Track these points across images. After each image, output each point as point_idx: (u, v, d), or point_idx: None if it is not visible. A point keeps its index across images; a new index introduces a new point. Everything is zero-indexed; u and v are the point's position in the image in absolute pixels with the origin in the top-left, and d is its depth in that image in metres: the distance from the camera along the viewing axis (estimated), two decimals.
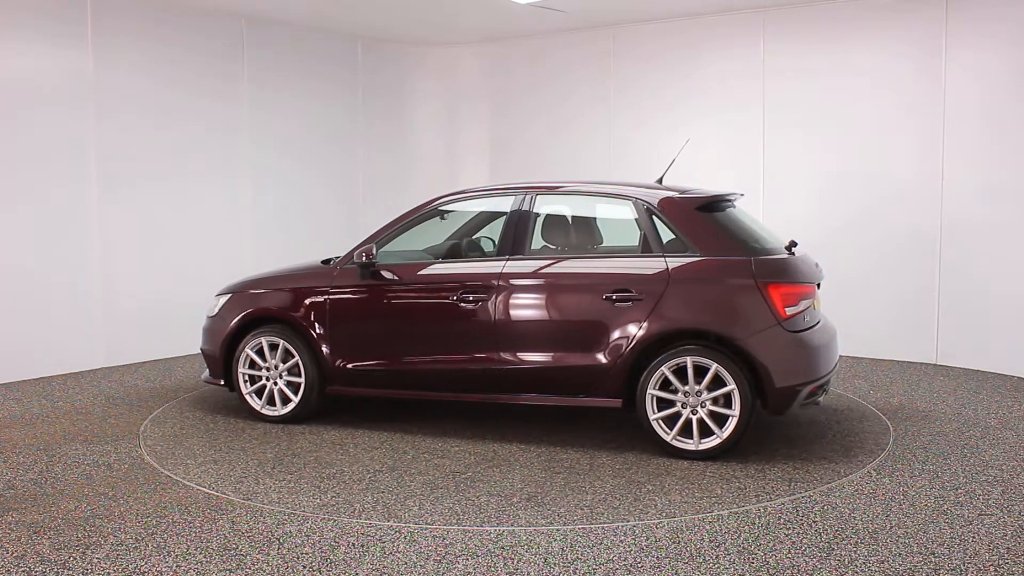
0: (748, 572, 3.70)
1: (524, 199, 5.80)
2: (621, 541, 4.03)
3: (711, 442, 5.13)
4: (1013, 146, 7.40)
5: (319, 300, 6.03)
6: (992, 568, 3.71)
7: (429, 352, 5.77)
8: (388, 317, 5.91)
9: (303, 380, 6.03)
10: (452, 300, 5.68)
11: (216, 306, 6.43)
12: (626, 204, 5.64)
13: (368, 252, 5.91)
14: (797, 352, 5.16)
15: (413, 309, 5.86)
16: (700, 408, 5.15)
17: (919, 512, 4.35)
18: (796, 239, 5.74)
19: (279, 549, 3.95)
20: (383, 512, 4.43)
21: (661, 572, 3.71)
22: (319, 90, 9.68)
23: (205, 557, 3.86)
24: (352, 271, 6.01)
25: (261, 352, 6.15)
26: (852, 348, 8.06)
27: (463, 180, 10.24)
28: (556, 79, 9.91)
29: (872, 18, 8.05)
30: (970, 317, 7.73)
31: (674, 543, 4.01)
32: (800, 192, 8.53)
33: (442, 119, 10.80)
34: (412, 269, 5.94)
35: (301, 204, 9.54)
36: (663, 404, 5.24)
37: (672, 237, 5.43)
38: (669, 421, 5.23)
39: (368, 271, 5.96)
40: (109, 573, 3.71)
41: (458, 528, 4.19)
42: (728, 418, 5.10)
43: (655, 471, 5.01)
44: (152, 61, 8.18)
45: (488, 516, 4.35)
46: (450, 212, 6.22)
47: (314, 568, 3.75)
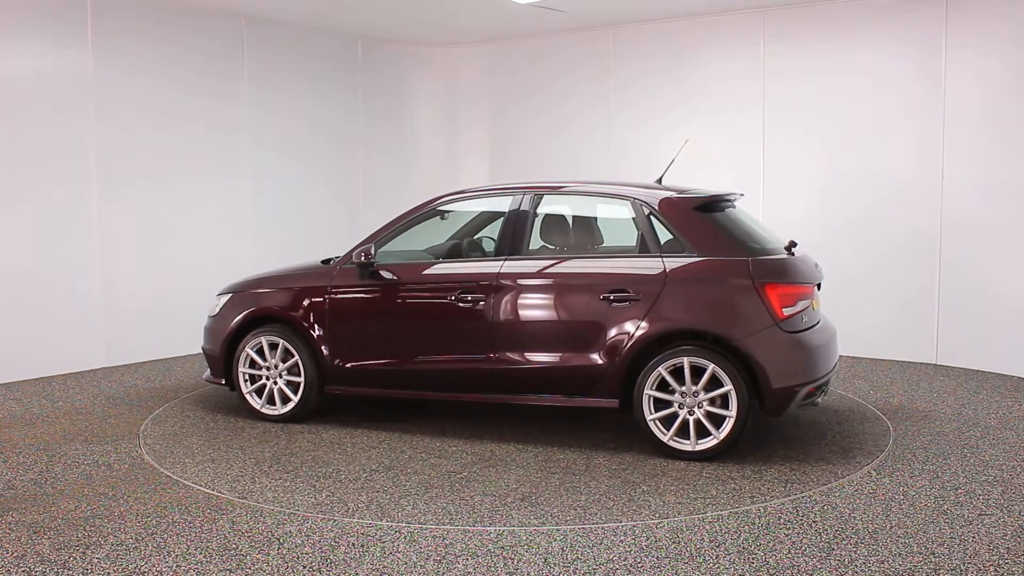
0: (748, 572, 3.70)
1: (522, 199, 5.79)
2: (621, 541, 4.03)
3: (708, 443, 5.13)
4: (1013, 146, 7.40)
5: (318, 300, 6.03)
6: (992, 568, 3.71)
7: (427, 352, 5.77)
8: (386, 317, 5.91)
9: (302, 379, 6.04)
10: (450, 300, 5.68)
11: (217, 306, 6.45)
12: (624, 204, 5.64)
13: (367, 252, 5.91)
14: (795, 353, 5.15)
15: (411, 309, 5.85)
16: (697, 409, 5.14)
17: (919, 512, 4.36)
18: (796, 239, 5.73)
19: (279, 549, 3.95)
20: (377, 511, 4.43)
21: (661, 572, 3.71)
22: (319, 90, 9.68)
23: (205, 557, 3.86)
24: (351, 271, 6.01)
25: (261, 351, 6.16)
26: (852, 348, 8.06)
27: (463, 180, 10.24)
28: (556, 79, 9.91)
29: (872, 18, 8.05)
30: (970, 317, 7.73)
31: (674, 543, 4.01)
32: (800, 192, 8.53)
33: (442, 119, 10.80)
34: (411, 269, 5.94)
35: (301, 204, 9.55)
36: (660, 404, 5.23)
37: (670, 237, 5.43)
38: (666, 422, 5.23)
39: (367, 271, 5.96)
40: (109, 573, 3.71)
41: (457, 528, 4.19)
42: (725, 419, 5.10)
43: (651, 472, 5.00)
44: (152, 61, 8.18)
45: (481, 516, 4.35)
46: (449, 212, 6.22)
47: (314, 568, 3.76)
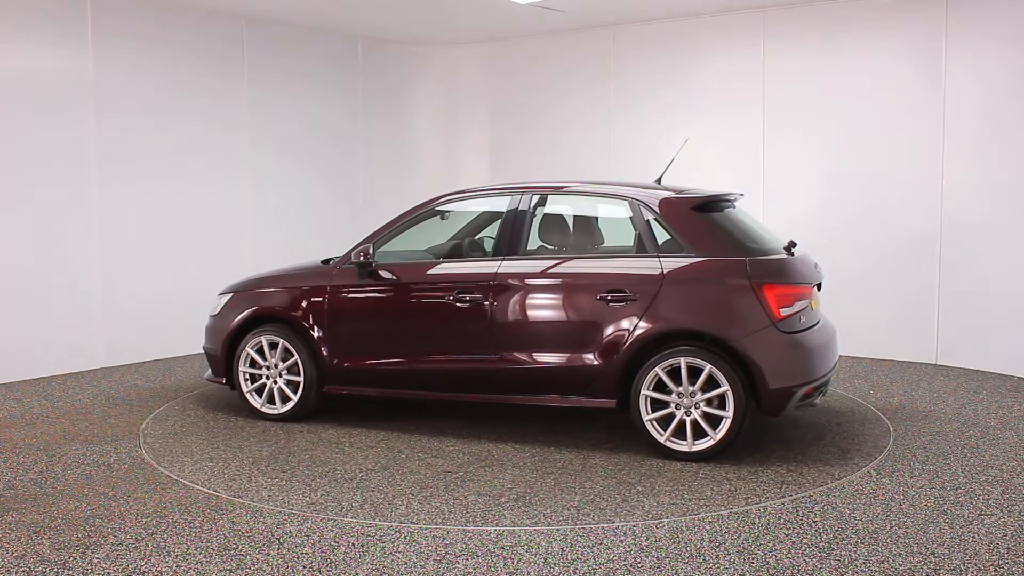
0: (748, 572, 3.70)
1: (521, 199, 5.79)
2: (621, 541, 4.03)
3: (705, 443, 5.11)
4: (1013, 146, 7.40)
5: (318, 300, 6.04)
6: (992, 568, 3.71)
7: (425, 352, 5.77)
8: (385, 317, 5.91)
9: (302, 379, 6.04)
10: (448, 300, 5.68)
11: (218, 305, 6.46)
12: (622, 204, 5.63)
13: (365, 252, 5.92)
14: (792, 353, 5.13)
15: (410, 309, 5.85)
16: (694, 409, 5.12)
17: (919, 512, 4.35)
18: (796, 239, 5.73)
19: (279, 549, 3.95)
20: (370, 511, 4.43)
21: (661, 572, 3.71)
22: (319, 90, 9.67)
23: (205, 557, 3.86)
24: (350, 271, 6.01)
25: (261, 351, 6.17)
26: (852, 348, 8.06)
27: (463, 180, 10.23)
28: (556, 79, 9.90)
29: (872, 18, 8.05)
30: (970, 317, 7.73)
31: (674, 543, 4.00)
32: (800, 192, 8.52)
33: (442, 119, 10.80)
34: (409, 269, 5.94)
35: (301, 204, 9.54)
36: (657, 405, 5.22)
37: (668, 237, 5.42)
38: (663, 422, 5.21)
39: (366, 271, 5.96)
40: (109, 573, 3.71)
41: (457, 528, 4.19)
42: (722, 419, 5.09)
43: (647, 472, 4.99)
44: (152, 61, 8.18)
45: (474, 516, 4.35)
46: (448, 212, 6.22)
47: (314, 568, 3.76)
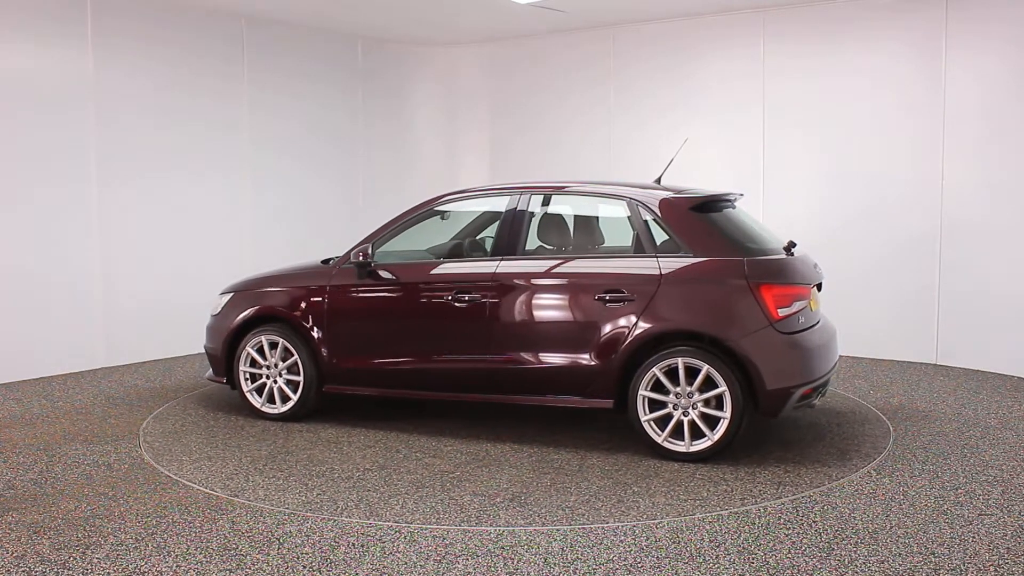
0: (748, 572, 3.70)
1: (519, 199, 5.79)
2: (621, 541, 4.03)
3: (702, 444, 5.10)
4: (1013, 146, 7.40)
5: (317, 299, 6.04)
6: (992, 568, 3.71)
7: (423, 352, 5.77)
8: (384, 317, 5.92)
9: (302, 378, 6.05)
10: (447, 300, 5.68)
11: (219, 305, 6.47)
12: (620, 204, 5.62)
13: (364, 252, 5.93)
14: (790, 354, 5.11)
15: (408, 309, 5.86)
16: (691, 410, 5.11)
17: (919, 512, 4.35)
18: (796, 239, 5.73)
19: (279, 549, 3.95)
20: (365, 510, 4.44)
21: (661, 572, 3.71)
22: (319, 90, 9.67)
23: (205, 557, 3.86)
24: (349, 271, 6.02)
25: (262, 350, 6.18)
26: (852, 348, 8.06)
27: (463, 180, 10.23)
28: (556, 79, 9.90)
29: (872, 18, 8.05)
30: (970, 317, 7.72)
31: (674, 543, 4.00)
32: (800, 192, 8.52)
33: (442, 119, 10.80)
34: (408, 269, 5.94)
35: (301, 204, 9.54)
36: (655, 405, 5.21)
37: (666, 237, 5.40)
38: (661, 423, 5.21)
39: (365, 271, 5.97)
40: (109, 573, 3.71)
41: (457, 528, 4.19)
42: (720, 420, 5.07)
43: (643, 473, 4.99)
44: (152, 61, 8.18)
45: (469, 516, 4.35)
46: (447, 212, 6.22)
47: (314, 568, 3.76)
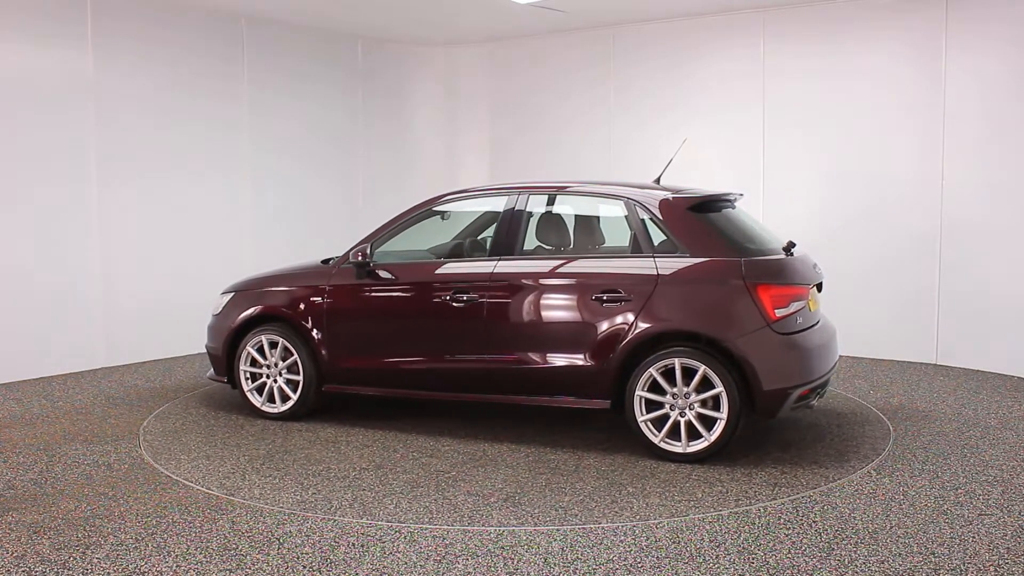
0: (748, 572, 3.70)
1: (517, 199, 5.79)
2: (621, 541, 4.03)
3: (699, 444, 5.09)
4: (1013, 146, 7.40)
5: (316, 299, 6.05)
6: (992, 568, 3.71)
7: (421, 351, 5.77)
8: (382, 316, 5.93)
9: (301, 378, 6.05)
10: (445, 300, 5.68)
11: (220, 304, 6.49)
12: (618, 204, 5.61)
13: (363, 252, 5.93)
14: (787, 354, 5.09)
15: (406, 309, 5.86)
16: (688, 410, 5.10)
17: (919, 512, 4.35)
18: (796, 239, 5.73)
19: (279, 549, 3.95)
20: (358, 510, 4.44)
21: (661, 572, 3.71)
22: (319, 90, 9.67)
23: (205, 557, 3.86)
24: (348, 271, 6.02)
25: (262, 350, 6.19)
26: (852, 348, 8.06)
27: (463, 180, 10.24)
28: (556, 79, 9.90)
29: (872, 18, 8.05)
30: (970, 317, 7.72)
31: (674, 543, 4.00)
32: (800, 192, 8.52)
33: (442, 119, 10.80)
34: (406, 269, 5.95)
35: (301, 204, 9.54)
36: (652, 406, 5.20)
37: (664, 238, 5.39)
38: (658, 423, 5.19)
39: (364, 271, 5.97)
40: (109, 573, 3.71)
41: (457, 528, 4.19)
42: (716, 421, 5.06)
43: (639, 473, 4.98)
44: (152, 61, 8.18)
45: (461, 516, 4.35)
46: (446, 212, 6.22)
47: (314, 568, 3.76)
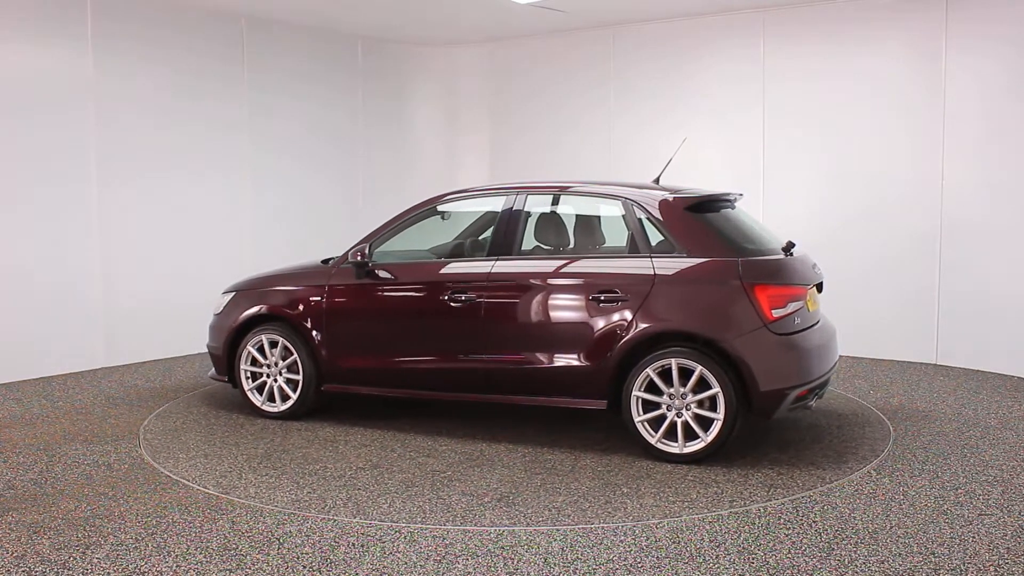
0: (748, 572, 3.70)
1: (515, 199, 5.78)
2: (621, 541, 4.03)
3: (696, 445, 5.07)
4: (1013, 146, 7.40)
5: (316, 299, 6.05)
6: (992, 568, 3.71)
7: (419, 351, 5.78)
8: (381, 316, 5.93)
9: (301, 377, 6.06)
10: (443, 300, 5.68)
11: (221, 304, 6.50)
12: (615, 204, 5.61)
13: (362, 252, 5.94)
14: (784, 355, 5.08)
15: (405, 308, 5.87)
16: (685, 411, 5.09)
17: (919, 512, 4.35)
18: (796, 239, 5.72)
19: (279, 549, 3.95)
20: (352, 509, 4.44)
21: (661, 572, 3.71)
22: (319, 90, 9.67)
23: (205, 557, 3.87)
24: (348, 271, 6.03)
25: (262, 349, 6.20)
26: (852, 348, 8.06)
27: (463, 180, 10.23)
28: (556, 79, 9.90)
29: (872, 19, 8.05)
30: (970, 317, 7.72)
31: (674, 543, 4.00)
32: (800, 192, 8.52)
33: (442, 119, 10.80)
34: (405, 269, 5.95)
35: (301, 204, 9.54)
36: (648, 406, 5.19)
37: (661, 238, 5.38)
38: (655, 423, 5.18)
39: (363, 271, 5.98)
40: (109, 573, 3.71)
41: (457, 528, 4.19)
42: (713, 421, 5.05)
43: (635, 474, 4.97)
44: (152, 61, 8.18)
45: (455, 515, 4.35)
46: (445, 211, 6.22)
47: (314, 568, 3.76)
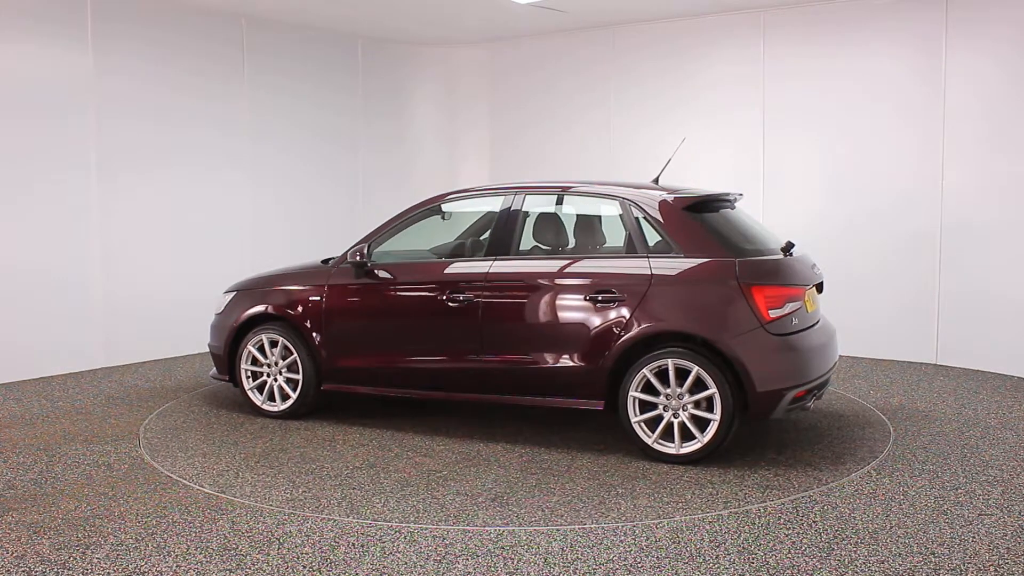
0: (748, 572, 3.70)
1: (514, 199, 5.78)
2: (621, 541, 4.03)
3: (692, 446, 5.06)
4: (1013, 146, 7.40)
5: (315, 299, 6.06)
6: (992, 568, 3.71)
7: (418, 351, 5.78)
8: (380, 316, 5.94)
9: (301, 377, 6.06)
10: (441, 300, 5.68)
11: (222, 304, 6.51)
12: (613, 204, 5.60)
13: (361, 252, 5.94)
14: (782, 355, 5.06)
15: (404, 308, 5.87)
16: (682, 411, 5.09)
17: (919, 512, 4.35)
18: (796, 240, 5.72)
19: (279, 549, 3.95)
20: (346, 508, 4.44)
21: (661, 572, 3.71)
22: (319, 90, 9.67)
23: (205, 557, 3.87)
24: (347, 270, 6.04)
25: (262, 349, 6.21)
26: (852, 348, 8.06)
27: (463, 180, 10.24)
28: (556, 79, 9.90)
29: (872, 19, 8.05)
30: (970, 317, 7.73)
31: (674, 543, 4.00)
32: (800, 193, 8.52)
33: (442, 119, 10.80)
34: (404, 268, 5.95)
35: (301, 204, 9.54)
36: (645, 407, 5.18)
37: (659, 238, 5.36)
38: (651, 424, 5.18)
39: (362, 271, 5.98)
40: (109, 573, 3.71)
41: (457, 528, 4.19)
42: (710, 422, 5.04)
43: (631, 475, 4.97)
44: (152, 61, 8.18)
45: (448, 515, 4.35)
46: (445, 212, 6.22)
47: (314, 568, 3.76)
